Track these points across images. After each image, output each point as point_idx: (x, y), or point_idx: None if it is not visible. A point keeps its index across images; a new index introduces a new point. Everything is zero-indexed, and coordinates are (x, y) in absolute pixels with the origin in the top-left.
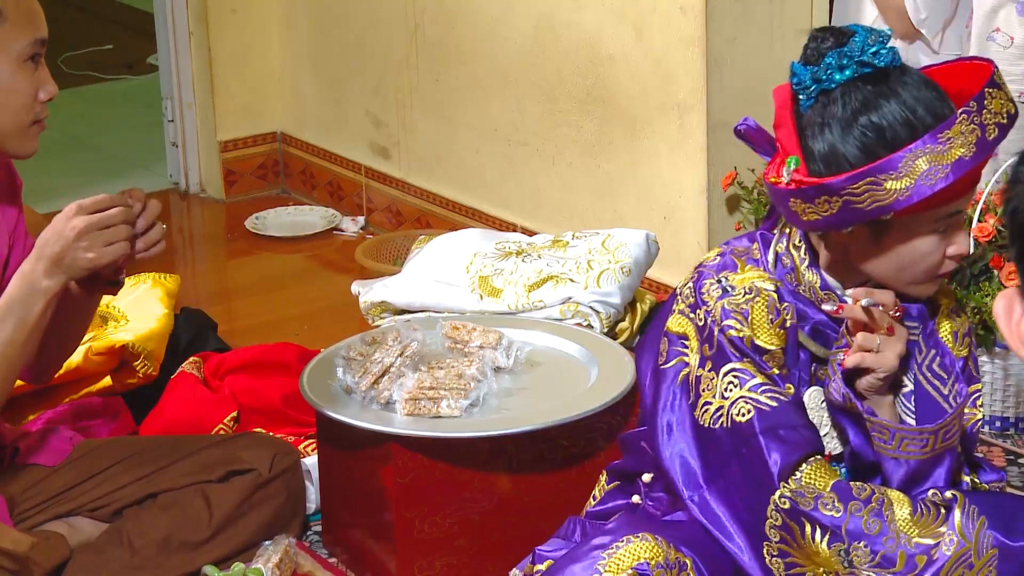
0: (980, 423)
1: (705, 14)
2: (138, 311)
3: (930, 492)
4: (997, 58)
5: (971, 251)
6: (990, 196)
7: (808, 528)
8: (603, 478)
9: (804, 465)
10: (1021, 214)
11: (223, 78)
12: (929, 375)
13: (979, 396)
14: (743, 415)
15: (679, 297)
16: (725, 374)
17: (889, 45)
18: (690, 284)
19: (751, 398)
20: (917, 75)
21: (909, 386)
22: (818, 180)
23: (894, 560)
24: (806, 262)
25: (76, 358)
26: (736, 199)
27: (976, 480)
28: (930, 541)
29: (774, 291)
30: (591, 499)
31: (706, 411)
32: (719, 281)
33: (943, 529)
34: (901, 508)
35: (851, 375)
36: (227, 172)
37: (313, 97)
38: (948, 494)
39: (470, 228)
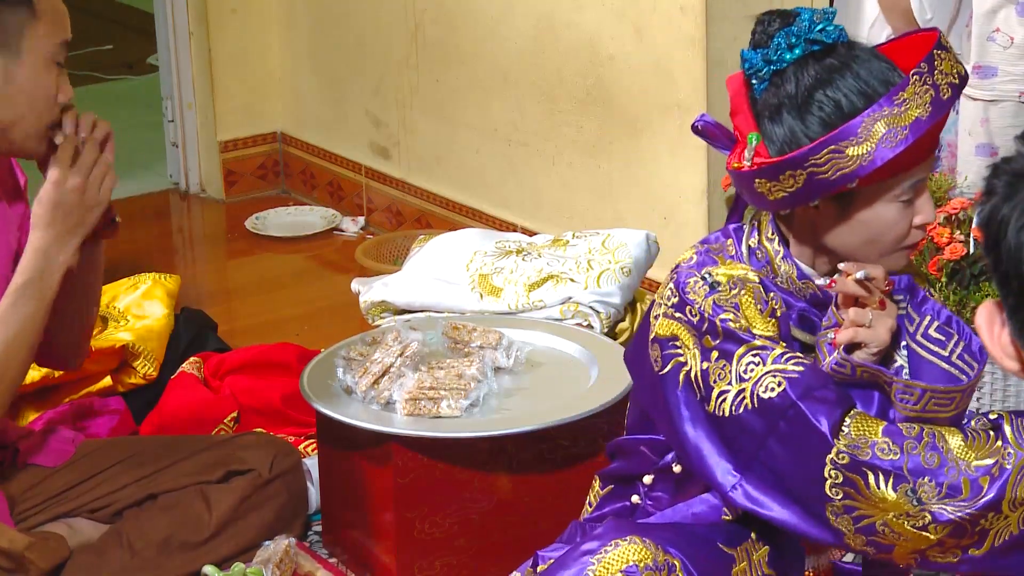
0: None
1: (705, 14)
2: (138, 311)
3: (973, 421)
4: (997, 58)
5: (970, 251)
6: None
7: (871, 477)
8: (596, 484)
9: (847, 419)
10: (994, 226)
11: (223, 78)
12: (925, 342)
13: None
14: (772, 390)
15: (659, 302)
16: (741, 357)
17: (835, 23)
18: (670, 285)
19: (778, 370)
20: (866, 48)
21: (899, 362)
22: (780, 157)
23: (959, 488)
24: (780, 253)
25: None
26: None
27: None
28: (989, 461)
29: (758, 282)
30: (587, 506)
31: (723, 400)
32: (703, 278)
33: (999, 444)
34: (953, 437)
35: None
36: (227, 172)
37: (313, 97)
38: (992, 415)
39: (470, 228)
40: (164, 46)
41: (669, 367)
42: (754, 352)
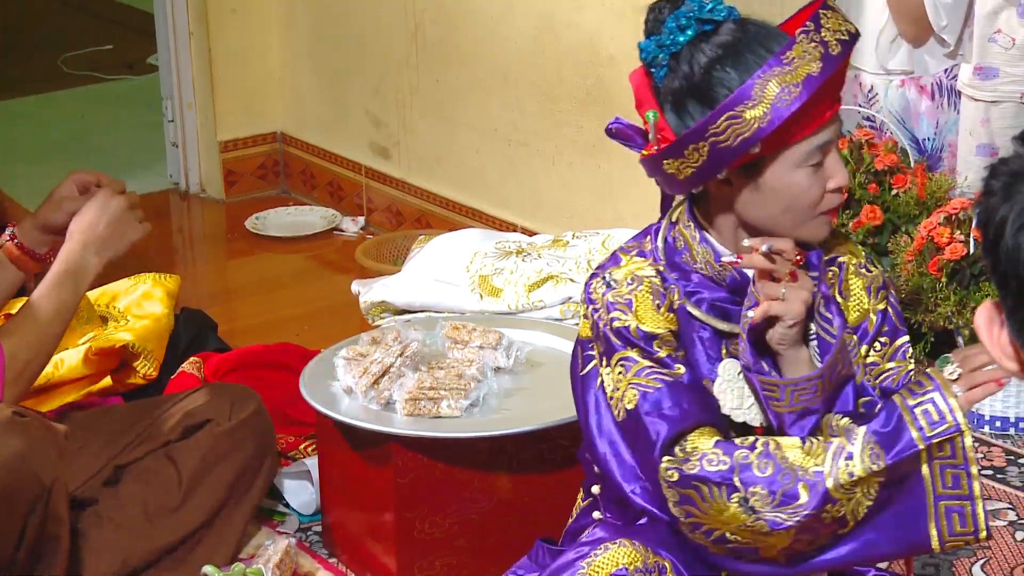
0: (912, 374)
1: None
2: (138, 311)
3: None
4: (998, 59)
5: (971, 251)
6: None
7: (705, 489)
8: (580, 495)
9: (690, 435)
10: (993, 226)
11: (223, 78)
12: (819, 319)
13: (907, 348)
14: (631, 401)
15: (581, 304)
16: (615, 365)
17: (725, 2)
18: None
19: (636, 383)
20: (757, 21)
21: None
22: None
23: (796, 494)
24: (697, 238)
25: (76, 358)
26: None
27: None
28: (825, 466)
29: (655, 276)
30: (570, 517)
31: (613, 405)
32: (603, 278)
33: (833, 441)
34: (790, 444)
35: (764, 332)
36: (227, 172)
37: (313, 97)
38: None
39: (470, 228)
40: (164, 46)
41: (588, 368)
42: (622, 363)
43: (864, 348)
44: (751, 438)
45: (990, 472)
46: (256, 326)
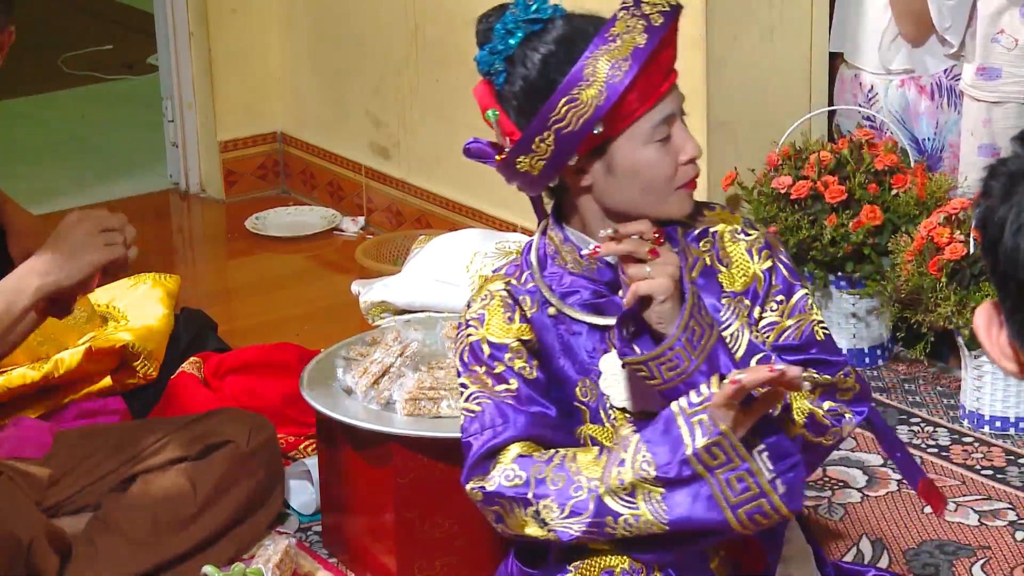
0: (821, 324)
1: (705, 14)
2: (138, 311)
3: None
4: (1002, 60)
5: (971, 251)
6: None
7: (506, 504)
8: None
9: (500, 453)
10: (992, 227)
11: (223, 78)
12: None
13: (805, 301)
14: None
15: None
16: (460, 390)
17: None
18: None
19: (464, 408)
20: (584, 15)
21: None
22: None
23: (586, 505)
24: (561, 238)
25: (76, 358)
26: (736, 199)
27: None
28: (603, 473)
29: (504, 289)
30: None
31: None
32: (467, 303)
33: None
34: (585, 455)
35: (643, 316)
36: (227, 172)
37: (313, 97)
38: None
39: (470, 228)
40: (164, 46)
41: None
42: (460, 388)
43: (757, 310)
44: (551, 451)
45: (990, 472)
46: (256, 326)
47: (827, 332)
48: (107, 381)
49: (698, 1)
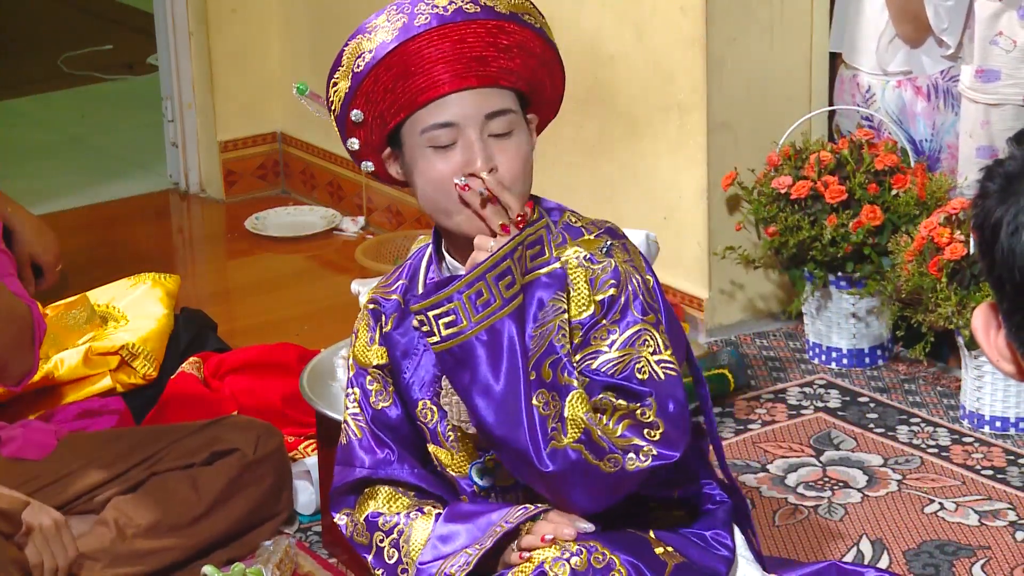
0: (658, 365)
1: (705, 14)
2: (138, 311)
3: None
4: (1000, 62)
5: (971, 251)
6: None
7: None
8: None
9: (364, 490)
10: (988, 229)
11: (223, 78)
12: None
13: (639, 337)
14: (343, 437)
15: None
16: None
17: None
18: None
19: (345, 424)
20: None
21: None
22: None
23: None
24: (429, 241)
25: (76, 358)
26: (736, 199)
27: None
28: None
29: (372, 302)
30: None
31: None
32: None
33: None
34: (421, 534)
35: None
36: (227, 172)
37: None
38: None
39: None
40: (164, 46)
41: None
42: (346, 395)
43: (579, 335)
44: (394, 520)
45: (990, 472)
46: (256, 326)
47: (656, 373)
48: (107, 381)
49: (698, 1)
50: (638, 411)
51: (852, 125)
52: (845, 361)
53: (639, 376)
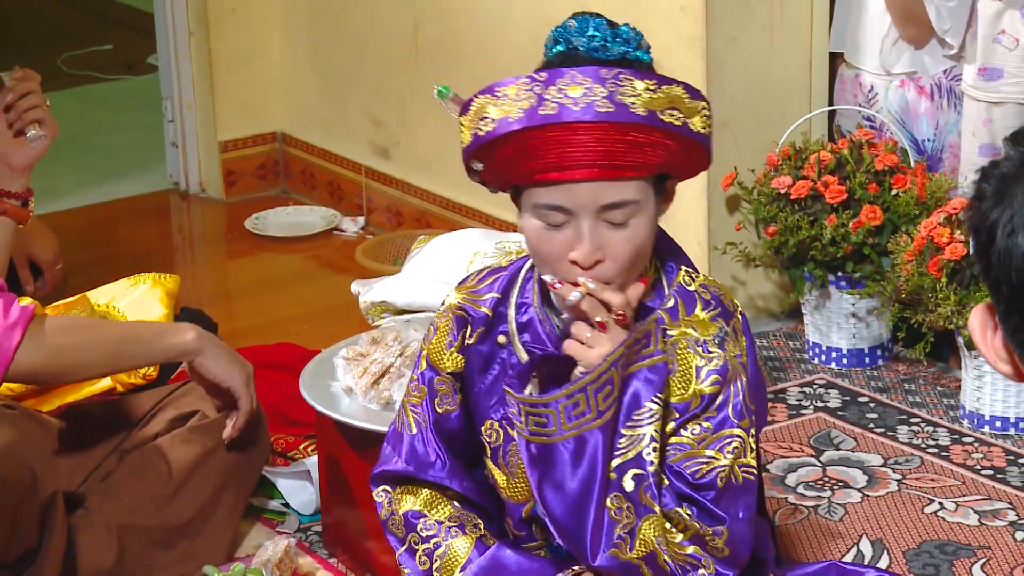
0: (743, 469)
1: (705, 14)
2: (138, 311)
3: None
4: (1002, 60)
5: (971, 251)
6: None
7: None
8: None
9: (401, 486)
10: (984, 231)
11: (223, 78)
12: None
13: (731, 443)
14: (399, 421)
15: None
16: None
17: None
18: None
19: (402, 416)
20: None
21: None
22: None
23: None
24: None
25: None
26: (736, 199)
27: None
28: None
29: (459, 306)
30: None
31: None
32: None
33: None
34: (459, 552)
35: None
36: (227, 172)
37: (313, 97)
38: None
39: (470, 228)
40: (164, 46)
41: None
42: (411, 382)
43: (672, 425)
44: (433, 530)
45: (990, 472)
46: (256, 326)
47: (735, 477)
48: (107, 381)
49: (698, 1)
50: (708, 536)
51: (852, 125)
52: (845, 361)
53: (718, 485)
